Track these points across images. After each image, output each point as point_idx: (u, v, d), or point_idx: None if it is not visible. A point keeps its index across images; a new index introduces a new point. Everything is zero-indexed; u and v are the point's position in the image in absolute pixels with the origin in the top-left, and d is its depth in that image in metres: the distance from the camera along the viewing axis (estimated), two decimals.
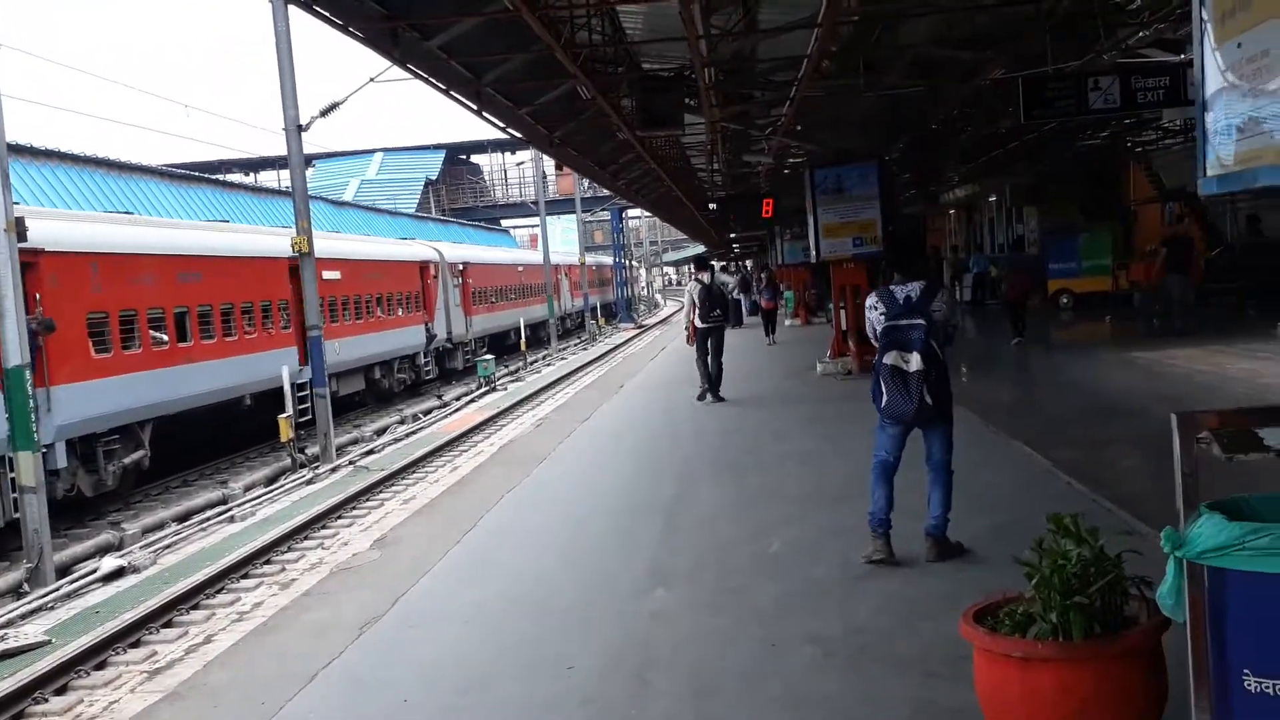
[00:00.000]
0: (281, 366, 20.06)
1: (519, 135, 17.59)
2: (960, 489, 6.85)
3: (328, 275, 23.51)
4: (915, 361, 6.44)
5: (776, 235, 36.20)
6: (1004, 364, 18.30)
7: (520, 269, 47.29)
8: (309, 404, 20.25)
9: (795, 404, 15.19)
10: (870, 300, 6.88)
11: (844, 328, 17.95)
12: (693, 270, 19.76)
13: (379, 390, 28.65)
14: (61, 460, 14.86)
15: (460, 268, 36.07)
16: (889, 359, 6.55)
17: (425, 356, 31.62)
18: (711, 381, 15.52)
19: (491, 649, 5.92)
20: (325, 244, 23.78)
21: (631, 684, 5.19)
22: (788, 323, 31.64)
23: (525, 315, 43.46)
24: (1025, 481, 8.93)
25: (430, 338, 31.76)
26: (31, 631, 9.59)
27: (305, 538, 12.85)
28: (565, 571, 7.42)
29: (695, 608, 6.27)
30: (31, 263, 14.28)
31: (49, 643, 9.27)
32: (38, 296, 14.25)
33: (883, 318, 6.67)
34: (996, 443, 10.62)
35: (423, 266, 32.34)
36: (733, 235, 46.85)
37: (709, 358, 15.51)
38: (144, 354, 17.55)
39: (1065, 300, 26.30)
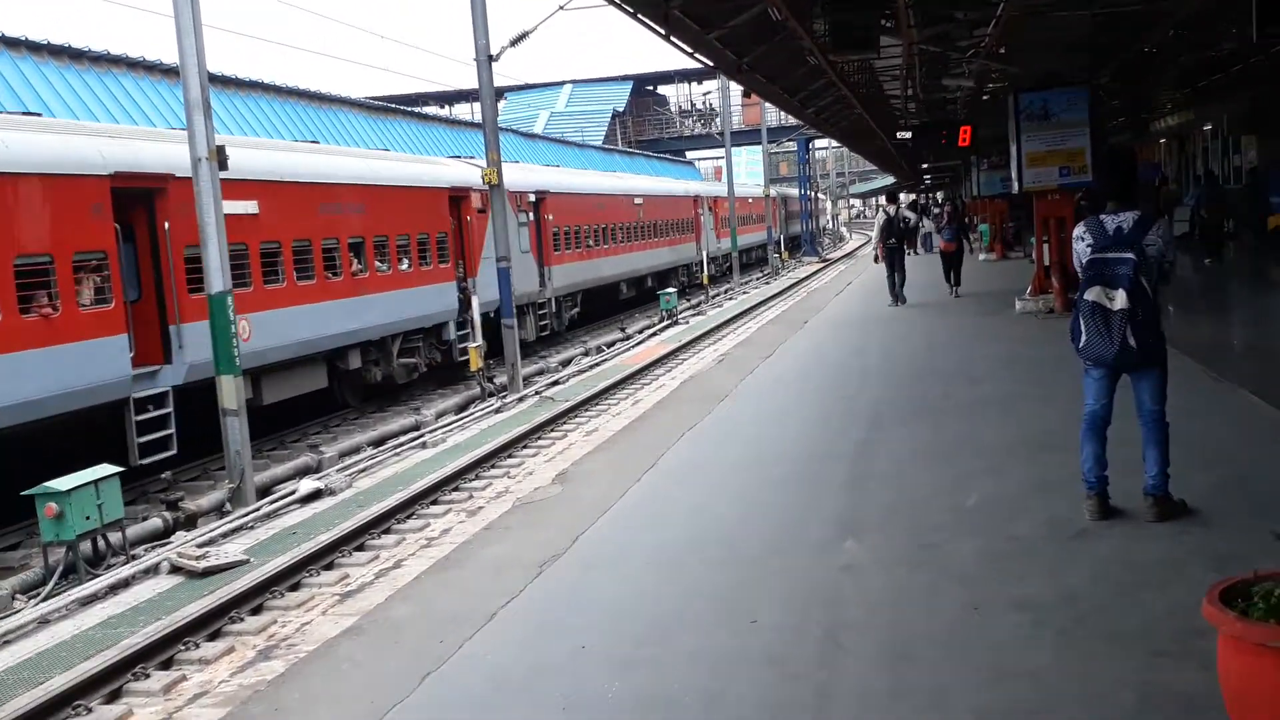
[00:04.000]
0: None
1: (706, 61, 17.07)
2: (1179, 441, 6.24)
3: (235, 208, 13.90)
4: (1120, 299, 5.85)
5: (972, 166, 34.67)
6: (1220, 305, 16.97)
7: (638, 201, 35.25)
8: None
9: (992, 344, 14.46)
10: (1077, 230, 6.30)
11: (1046, 263, 16.96)
12: (883, 203, 22.88)
13: (355, 385, 18.79)
14: None
15: (532, 199, 25.90)
16: (1091, 295, 5.97)
17: (461, 327, 21.29)
18: (897, 289, 20.24)
19: (672, 597, 5.72)
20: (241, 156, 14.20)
21: (821, 643, 4.90)
22: (981, 257, 30.36)
23: (650, 260, 35.39)
24: (1253, 434, 8.15)
25: (467, 300, 21.26)
26: (232, 550, 9.95)
27: (492, 466, 12.98)
28: (749, 516, 7.16)
29: (888, 564, 5.90)
30: None
31: (248, 562, 9.58)
32: None
33: (1089, 249, 6.07)
34: (1218, 390, 9.76)
35: (456, 196, 21.83)
36: (925, 165, 45.16)
37: (894, 273, 20.35)
38: None
39: None
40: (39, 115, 14.64)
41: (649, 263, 35.53)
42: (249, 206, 15.21)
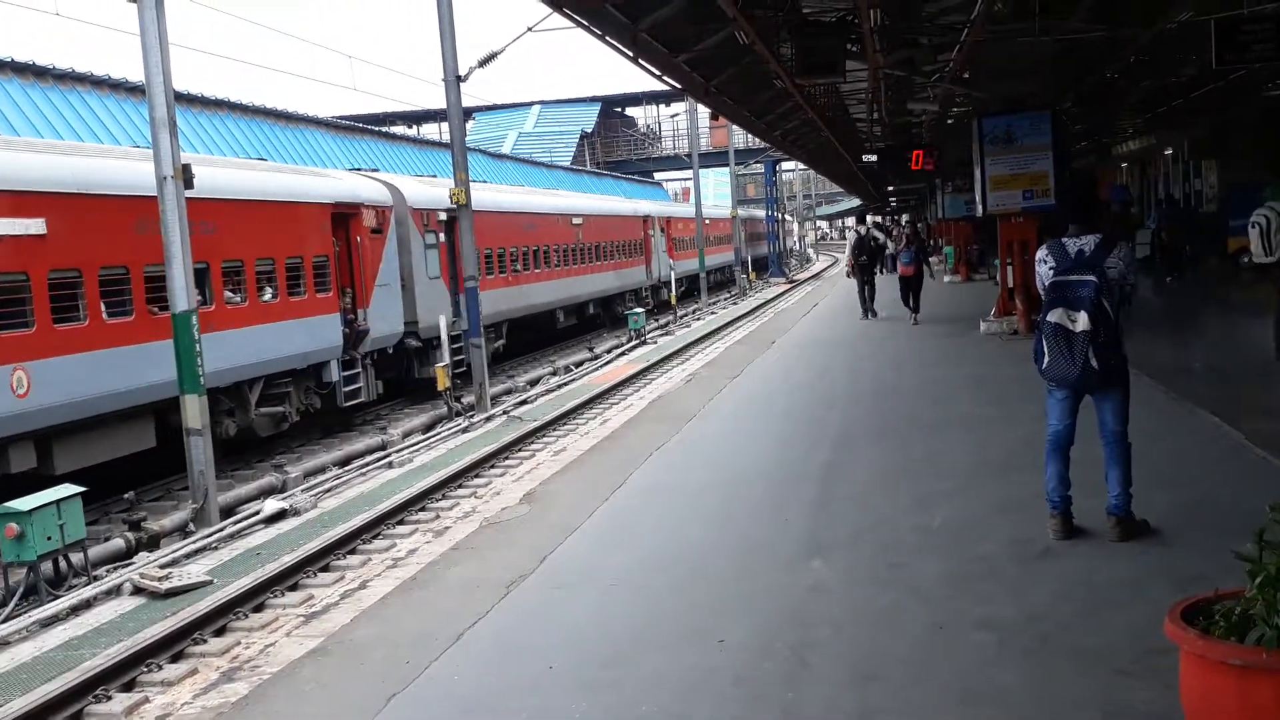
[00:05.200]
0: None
1: (674, 84, 17.18)
2: (1141, 461, 6.32)
3: (4, 227, 11.86)
4: (1082, 321, 5.95)
5: (936, 188, 35.05)
6: (1182, 327, 17.20)
7: (577, 220, 31.96)
8: None
9: (957, 365, 14.57)
10: (1040, 253, 6.41)
11: (1010, 286, 17.15)
12: (854, 224, 25.31)
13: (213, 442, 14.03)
14: None
15: (443, 217, 21.88)
16: (1054, 317, 6.08)
17: (349, 366, 18.48)
18: (867, 304, 21.72)
19: (639, 617, 5.72)
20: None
21: (788, 663, 4.90)
22: (946, 279, 30.65)
23: (592, 286, 32.64)
24: (1214, 455, 8.26)
25: (356, 335, 18.63)
26: (195, 571, 9.86)
27: (459, 486, 12.94)
28: (715, 536, 7.17)
29: (855, 584, 5.93)
30: None
31: (211, 582, 9.50)
32: None
33: (1051, 272, 6.18)
34: (1178, 411, 9.89)
35: (343, 214, 18.60)
36: (890, 188, 45.58)
37: (864, 289, 21.85)
38: None
39: (1245, 260, 24.48)
40: None
41: (590, 288, 32.44)
42: (30, 225, 12.14)
